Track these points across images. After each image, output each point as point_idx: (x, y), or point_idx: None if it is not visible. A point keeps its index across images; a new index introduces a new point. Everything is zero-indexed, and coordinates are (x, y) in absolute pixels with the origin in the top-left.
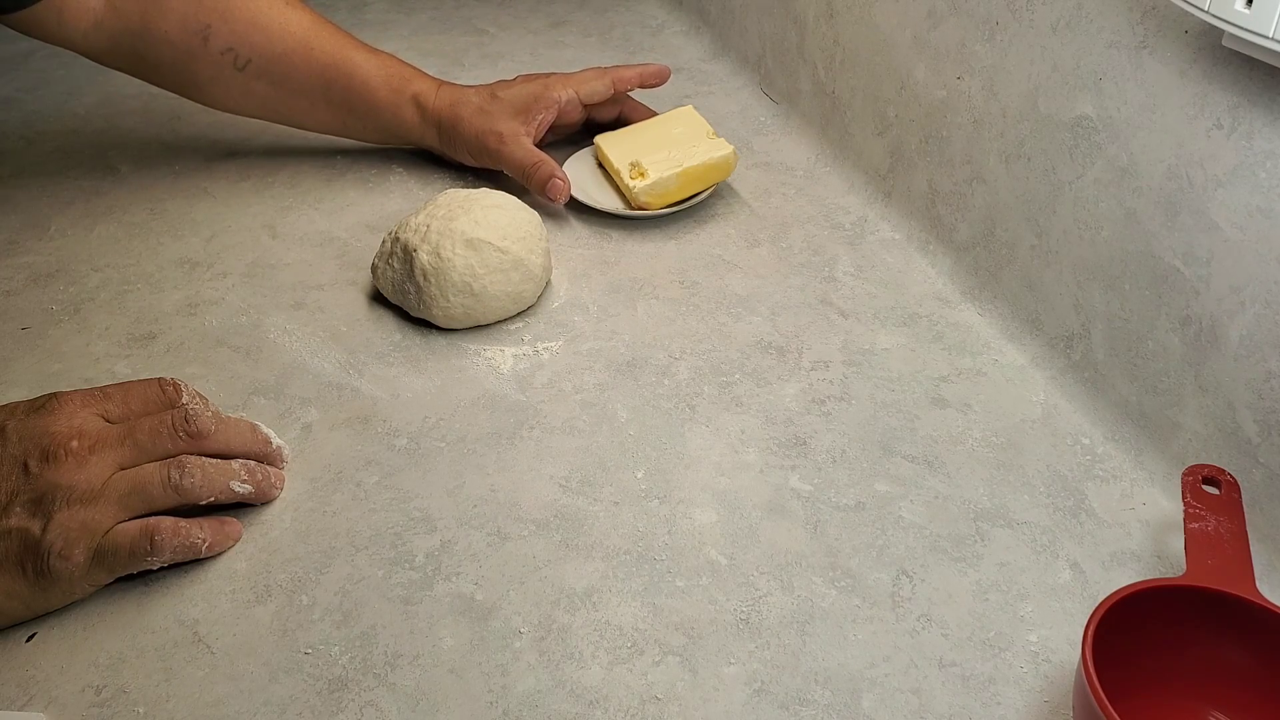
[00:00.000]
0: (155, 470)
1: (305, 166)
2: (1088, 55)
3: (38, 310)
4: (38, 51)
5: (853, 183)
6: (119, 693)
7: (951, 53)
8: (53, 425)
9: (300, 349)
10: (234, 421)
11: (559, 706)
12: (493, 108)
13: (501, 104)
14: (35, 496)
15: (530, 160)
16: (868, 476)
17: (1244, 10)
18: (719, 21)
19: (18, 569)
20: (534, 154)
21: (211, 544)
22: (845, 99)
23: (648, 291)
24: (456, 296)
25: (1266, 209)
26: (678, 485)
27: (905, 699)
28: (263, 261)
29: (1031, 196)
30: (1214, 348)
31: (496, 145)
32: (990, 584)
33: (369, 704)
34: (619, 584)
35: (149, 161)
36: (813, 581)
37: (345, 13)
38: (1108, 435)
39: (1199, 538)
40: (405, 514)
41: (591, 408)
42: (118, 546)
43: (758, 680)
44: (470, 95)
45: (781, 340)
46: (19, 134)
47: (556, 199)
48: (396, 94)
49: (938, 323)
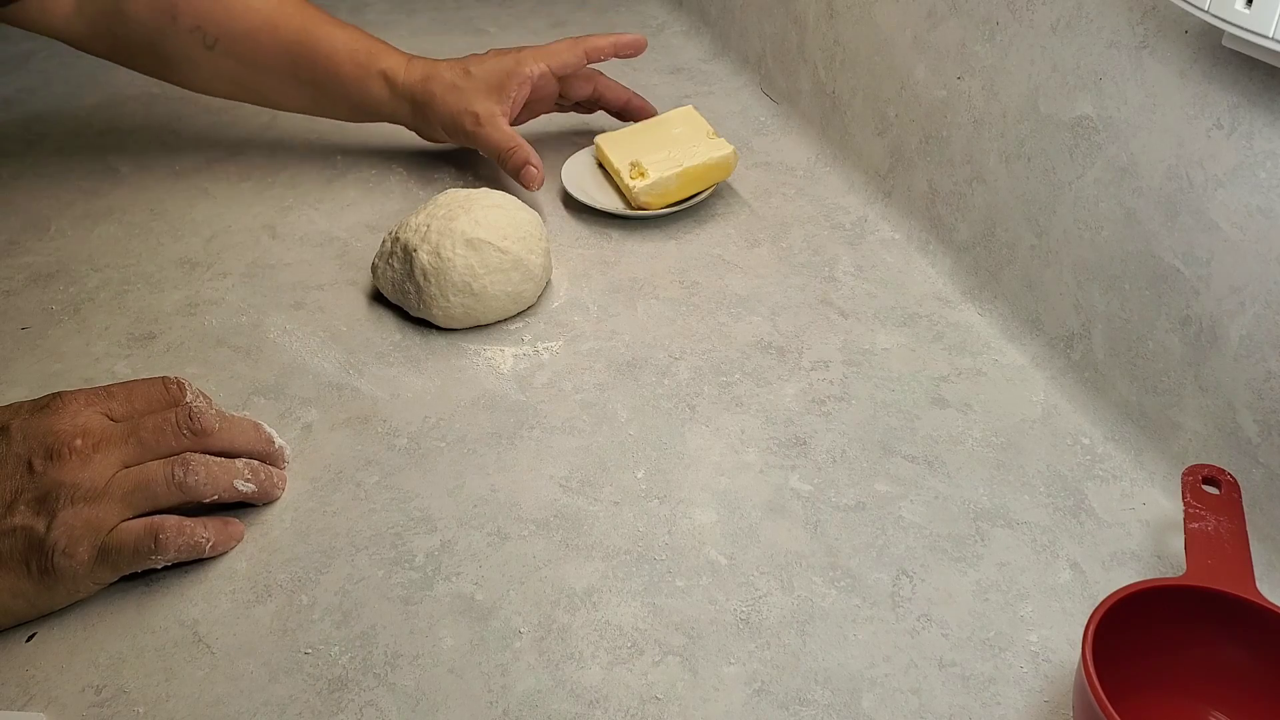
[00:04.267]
0: (159, 468)
1: (305, 166)
2: (1088, 55)
3: (38, 310)
4: (39, 52)
5: (853, 183)
6: (119, 693)
7: (951, 53)
8: (57, 424)
9: (300, 349)
10: (237, 420)
11: (559, 706)
12: (466, 85)
13: (475, 81)
14: (40, 495)
15: (506, 145)
16: (868, 476)
17: (1244, 10)
18: (719, 21)
19: (22, 567)
20: (510, 138)
21: (215, 543)
22: (845, 99)
23: (648, 291)
24: (456, 296)
25: (1266, 209)
26: (678, 485)
27: (905, 699)
28: (263, 261)
29: (1031, 196)
30: (1214, 348)
31: (473, 126)
32: (990, 584)
33: (369, 704)
34: (619, 584)
35: (149, 161)
36: (813, 581)
37: (345, 13)
38: (1108, 435)
39: (1199, 538)
40: (405, 514)
41: (591, 408)
42: (122, 544)
43: (758, 680)
44: (443, 71)
45: (781, 340)
46: (19, 134)
47: (530, 186)
48: (362, 69)
49: (938, 323)
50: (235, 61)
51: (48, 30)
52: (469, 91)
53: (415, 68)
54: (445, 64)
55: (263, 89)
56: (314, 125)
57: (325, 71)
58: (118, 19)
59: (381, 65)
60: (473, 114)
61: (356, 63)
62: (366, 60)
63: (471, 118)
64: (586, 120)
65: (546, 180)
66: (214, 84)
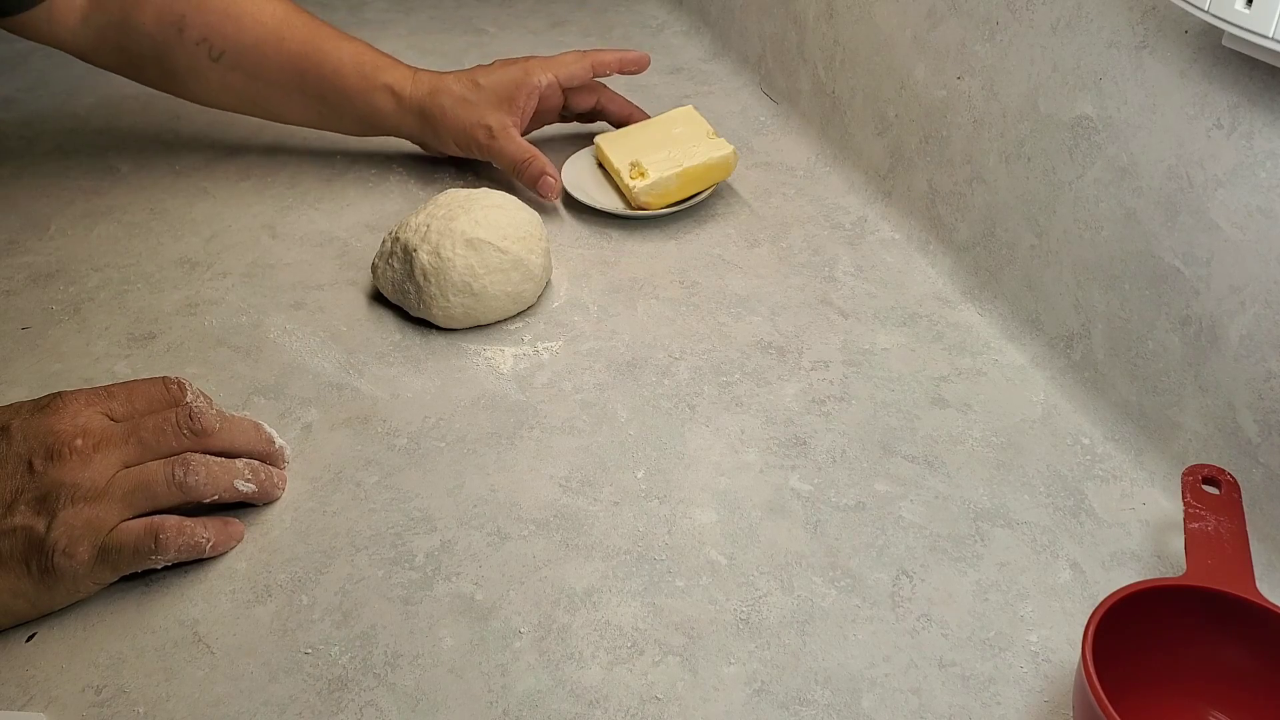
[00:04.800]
0: (160, 468)
1: (305, 166)
2: (1088, 55)
3: (38, 310)
4: (38, 51)
5: (853, 183)
6: (119, 693)
7: (951, 53)
8: (57, 424)
9: (300, 349)
10: (238, 420)
11: (559, 706)
12: (476, 97)
13: (485, 93)
14: (40, 495)
15: (521, 156)
16: (868, 476)
17: (1244, 10)
18: (719, 21)
19: (23, 567)
20: (525, 150)
21: (215, 543)
22: (845, 99)
23: (648, 291)
24: (456, 296)
25: (1266, 209)
26: (678, 485)
27: (905, 699)
28: (263, 261)
29: (1031, 196)
30: (1214, 348)
31: (487, 140)
32: (990, 584)
33: (369, 704)
34: (619, 584)
35: (149, 161)
36: (813, 581)
37: (345, 12)
38: (1108, 435)
39: (1199, 538)
40: (405, 514)
41: (591, 408)
42: (122, 545)
43: (758, 680)
44: (450, 84)
45: (781, 340)
46: (19, 134)
47: (548, 196)
48: (367, 81)
49: (938, 323)
50: (241, 74)
51: (54, 41)
52: (479, 104)
53: (422, 81)
54: (452, 76)
55: (269, 102)
56: None
57: (331, 85)
58: (125, 31)
59: (387, 79)
60: (485, 127)
61: (362, 75)
62: (372, 73)
63: (485, 130)
64: None
65: None
66: (220, 97)
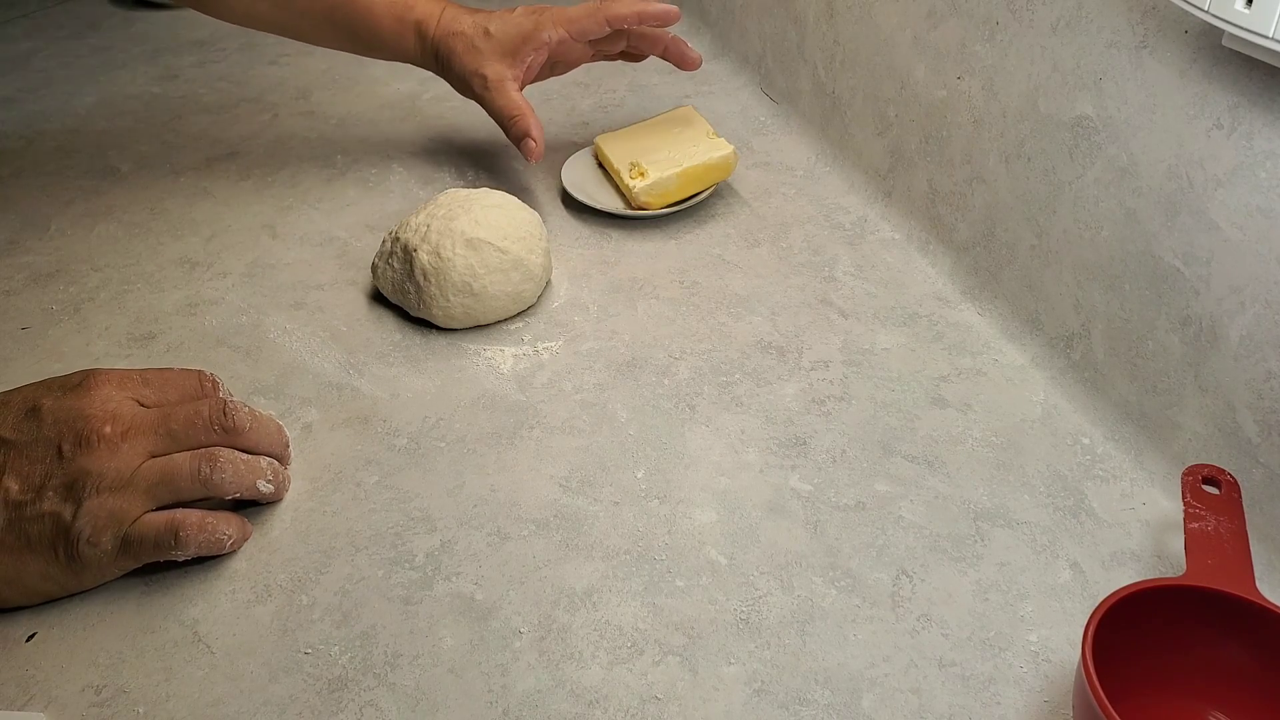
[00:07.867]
0: (187, 461)
1: (305, 166)
2: (1088, 55)
3: (38, 310)
4: (38, 51)
5: (853, 183)
6: (119, 693)
7: (951, 53)
8: (88, 407)
9: (300, 349)
10: (266, 419)
11: (559, 706)
12: (484, 45)
13: (492, 42)
14: (68, 481)
15: (509, 112)
16: (868, 476)
17: (1244, 10)
18: (719, 21)
19: (51, 552)
20: (514, 105)
21: (236, 541)
22: (845, 99)
23: (648, 291)
24: (456, 296)
25: (1266, 209)
26: (678, 485)
27: (905, 699)
28: (263, 261)
29: (1031, 196)
30: (1214, 348)
31: (481, 89)
32: (990, 584)
33: (369, 704)
34: (619, 584)
35: (149, 161)
36: (813, 581)
37: None
38: (1108, 435)
39: (1199, 537)
40: (405, 514)
41: (591, 408)
42: (143, 537)
43: (758, 680)
44: (465, 26)
45: (781, 340)
46: (19, 134)
47: (529, 158)
48: (400, 22)
49: (938, 322)
50: (270, 3)
51: None
52: (485, 52)
53: (445, 20)
54: (470, 18)
55: (299, 31)
56: (314, 125)
57: (364, 23)
58: None
59: (416, 15)
60: (482, 76)
61: (395, 15)
62: (404, 13)
63: (480, 80)
64: (587, 120)
65: (546, 180)
66: (250, 19)
